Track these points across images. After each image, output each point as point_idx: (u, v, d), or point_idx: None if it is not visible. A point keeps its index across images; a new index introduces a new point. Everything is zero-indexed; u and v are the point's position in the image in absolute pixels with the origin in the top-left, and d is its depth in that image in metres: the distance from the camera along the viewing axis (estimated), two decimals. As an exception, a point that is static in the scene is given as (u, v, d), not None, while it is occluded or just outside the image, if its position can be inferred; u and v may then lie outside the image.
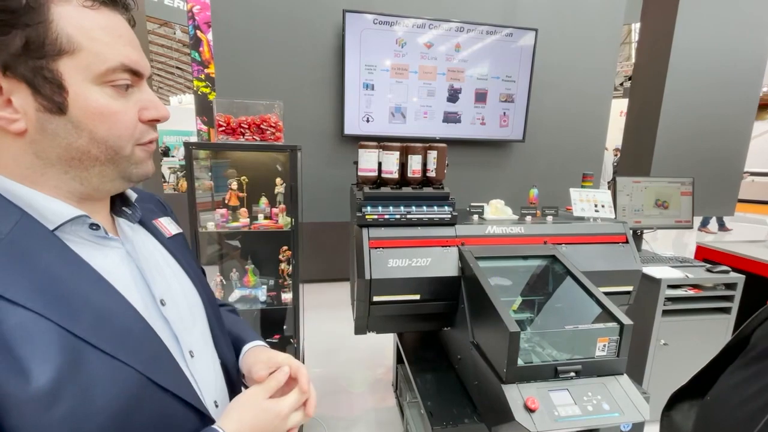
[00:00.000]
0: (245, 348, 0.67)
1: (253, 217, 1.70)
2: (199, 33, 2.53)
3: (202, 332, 0.58)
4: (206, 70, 2.72)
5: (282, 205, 1.70)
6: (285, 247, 1.80)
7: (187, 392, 0.49)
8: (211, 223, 1.64)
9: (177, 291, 0.55)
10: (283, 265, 1.83)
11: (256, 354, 0.65)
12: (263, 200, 1.72)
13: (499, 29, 2.75)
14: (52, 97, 0.40)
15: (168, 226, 0.63)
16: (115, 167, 0.46)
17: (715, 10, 3.19)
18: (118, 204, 0.54)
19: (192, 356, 0.52)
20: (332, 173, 2.76)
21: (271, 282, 1.89)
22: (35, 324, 0.37)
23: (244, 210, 1.67)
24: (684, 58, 3.21)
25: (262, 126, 1.55)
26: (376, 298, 1.38)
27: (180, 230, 0.66)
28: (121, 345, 0.42)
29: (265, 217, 1.71)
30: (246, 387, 0.66)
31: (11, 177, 0.43)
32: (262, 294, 1.81)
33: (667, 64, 3.21)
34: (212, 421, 0.52)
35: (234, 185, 1.67)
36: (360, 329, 1.51)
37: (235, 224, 1.66)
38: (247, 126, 1.53)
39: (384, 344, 2.63)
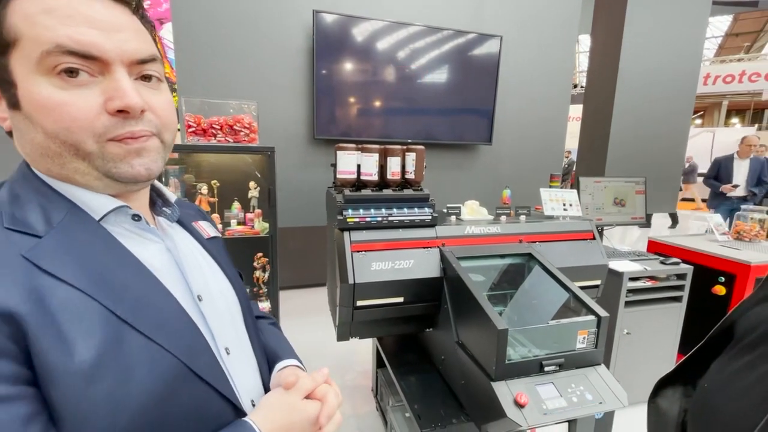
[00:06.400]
0: (278, 366, 0.63)
1: (225, 223, 1.62)
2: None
3: (238, 331, 0.58)
4: (162, 69, 2.57)
5: (258, 210, 1.63)
6: (260, 254, 1.73)
7: (223, 385, 0.48)
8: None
9: (214, 289, 0.55)
10: (257, 273, 1.76)
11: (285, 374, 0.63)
12: (236, 205, 1.64)
13: (466, 34, 2.83)
14: (9, 91, 0.40)
15: (207, 228, 0.64)
16: (88, 164, 0.43)
17: (656, 29, 3.50)
18: (159, 204, 0.56)
19: (228, 353, 0.52)
20: (303, 176, 2.70)
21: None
22: (81, 302, 0.39)
23: (215, 216, 1.59)
24: (631, 70, 3.49)
25: (235, 127, 1.47)
26: (359, 303, 1.36)
27: (218, 234, 0.67)
28: (160, 330, 0.43)
29: (239, 223, 1.63)
30: None
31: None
32: (235, 304, 1.72)
33: (617, 75, 3.47)
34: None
35: (204, 190, 1.57)
36: (343, 335, 1.48)
37: (205, 231, 1.57)
38: (219, 127, 1.45)
39: (354, 350, 2.60)
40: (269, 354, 0.66)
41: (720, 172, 4.43)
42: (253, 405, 0.54)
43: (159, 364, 0.42)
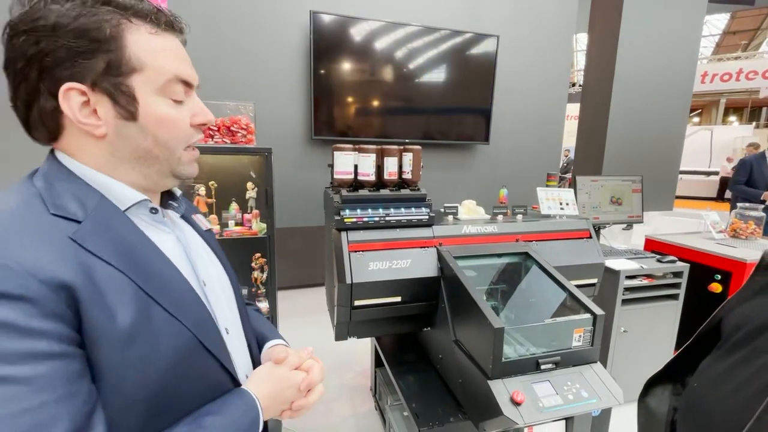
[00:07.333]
0: (267, 345, 0.73)
1: (223, 224, 1.62)
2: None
3: (234, 314, 0.66)
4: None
5: (255, 211, 1.64)
6: (258, 255, 1.73)
7: (226, 358, 0.57)
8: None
9: (213, 276, 0.63)
10: (255, 273, 1.76)
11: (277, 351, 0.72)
12: (234, 206, 1.65)
13: (463, 34, 2.84)
14: (127, 107, 0.49)
15: (203, 221, 0.72)
16: (169, 166, 0.55)
17: (652, 28, 3.51)
18: (166, 198, 0.63)
19: (227, 333, 0.61)
20: (301, 177, 2.70)
21: (244, 291, 1.81)
22: (119, 279, 0.46)
23: (213, 217, 1.59)
24: (627, 69, 3.50)
25: (232, 128, 1.48)
26: (357, 303, 1.36)
27: (211, 227, 0.75)
28: (178, 307, 0.50)
29: (236, 224, 1.63)
30: None
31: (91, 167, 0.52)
32: (233, 304, 1.72)
33: (613, 74, 3.48)
34: None
35: (202, 191, 1.58)
36: (341, 335, 1.48)
37: (203, 232, 1.57)
38: (216, 128, 1.45)
39: (352, 349, 2.60)
40: (258, 335, 0.75)
41: (753, 175, 3.39)
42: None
43: (178, 335, 0.49)
